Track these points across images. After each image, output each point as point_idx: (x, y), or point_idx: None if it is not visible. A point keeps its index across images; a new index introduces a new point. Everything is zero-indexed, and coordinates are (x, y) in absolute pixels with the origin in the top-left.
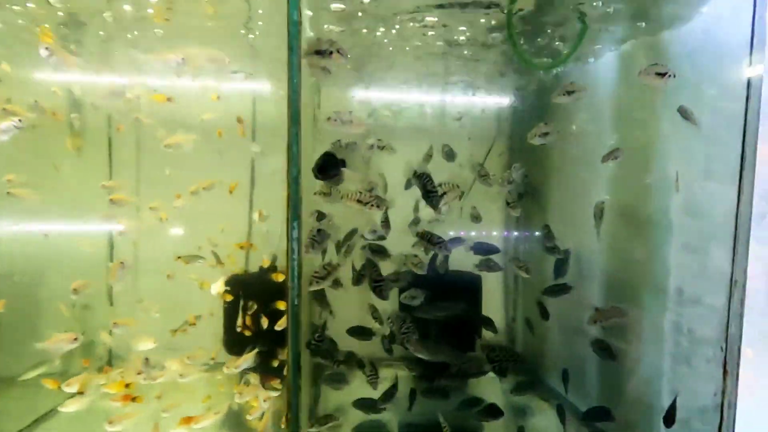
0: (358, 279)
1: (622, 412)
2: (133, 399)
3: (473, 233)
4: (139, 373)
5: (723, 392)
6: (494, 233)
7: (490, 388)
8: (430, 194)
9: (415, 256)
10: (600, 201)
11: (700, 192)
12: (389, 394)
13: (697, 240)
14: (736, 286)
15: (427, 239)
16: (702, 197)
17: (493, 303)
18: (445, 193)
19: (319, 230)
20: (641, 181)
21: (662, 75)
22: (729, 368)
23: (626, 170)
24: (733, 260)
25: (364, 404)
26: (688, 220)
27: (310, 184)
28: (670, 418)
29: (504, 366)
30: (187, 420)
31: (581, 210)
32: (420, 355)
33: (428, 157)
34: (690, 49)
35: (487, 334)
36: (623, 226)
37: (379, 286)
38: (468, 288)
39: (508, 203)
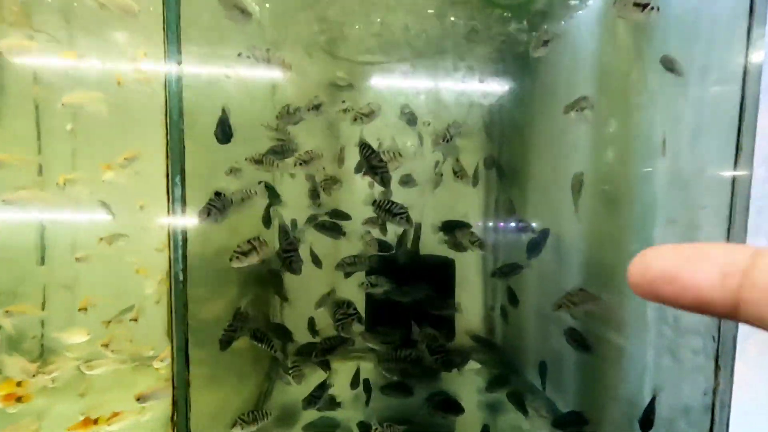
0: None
1: (601, 411)
2: (18, 399)
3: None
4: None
5: (714, 391)
6: (472, 215)
7: (466, 382)
8: (377, 170)
9: (368, 232)
10: (579, 172)
11: (689, 157)
12: (316, 396)
13: (684, 213)
14: None
15: (386, 209)
16: (691, 163)
17: (470, 290)
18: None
19: (217, 193)
20: (623, 150)
21: (642, 6)
22: (722, 362)
23: (608, 139)
24: (728, 234)
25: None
26: (675, 190)
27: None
28: (647, 421)
29: (447, 359)
30: (83, 424)
31: (561, 188)
32: (370, 345)
33: (361, 116)
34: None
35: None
36: (603, 202)
37: (289, 257)
38: (439, 273)
39: (455, 172)
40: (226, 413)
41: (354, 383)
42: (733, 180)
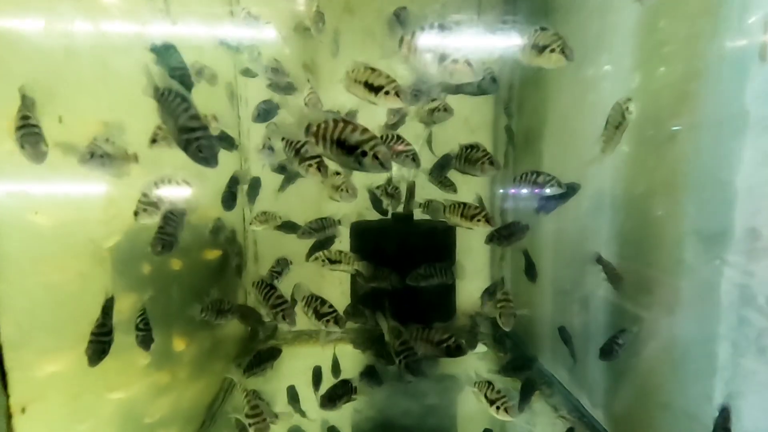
0: None
1: (645, 421)
2: None
3: None
4: None
5: None
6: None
7: (468, 369)
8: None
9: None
10: (623, 99)
11: None
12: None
13: None
14: None
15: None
16: None
17: (474, 261)
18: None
19: None
20: (690, 58)
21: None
22: None
23: (669, 43)
24: None
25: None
26: None
27: None
28: None
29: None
30: None
31: (587, 130)
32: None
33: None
34: None
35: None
36: (655, 134)
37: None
38: (436, 242)
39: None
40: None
41: (335, 371)
42: None
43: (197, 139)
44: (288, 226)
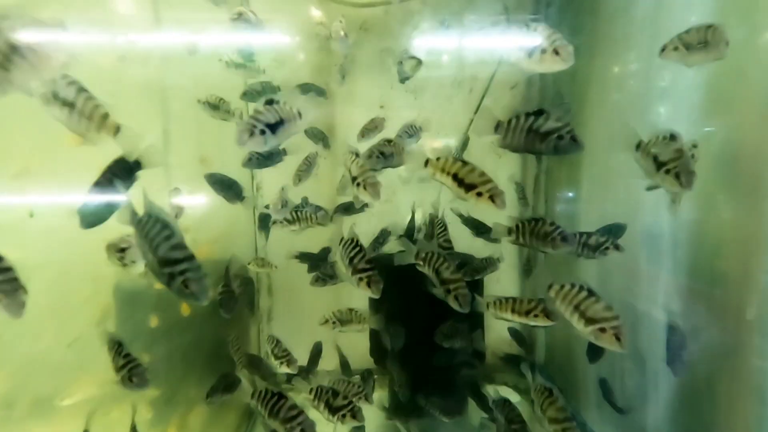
0: None
1: None
2: None
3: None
4: None
5: None
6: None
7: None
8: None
9: None
10: (689, 145)
11: None
12: None
13: None
14: None
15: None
16: None
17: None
18: None
19: None
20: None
21: None
22: None
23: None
24: None
25: None
26: None
27: None
28: None
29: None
30: None
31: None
32: None
33: None
34: None
35: None
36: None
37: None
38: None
39: None
40: None
41: None
42: None
43: (182, 273)
44: (304, 257)
